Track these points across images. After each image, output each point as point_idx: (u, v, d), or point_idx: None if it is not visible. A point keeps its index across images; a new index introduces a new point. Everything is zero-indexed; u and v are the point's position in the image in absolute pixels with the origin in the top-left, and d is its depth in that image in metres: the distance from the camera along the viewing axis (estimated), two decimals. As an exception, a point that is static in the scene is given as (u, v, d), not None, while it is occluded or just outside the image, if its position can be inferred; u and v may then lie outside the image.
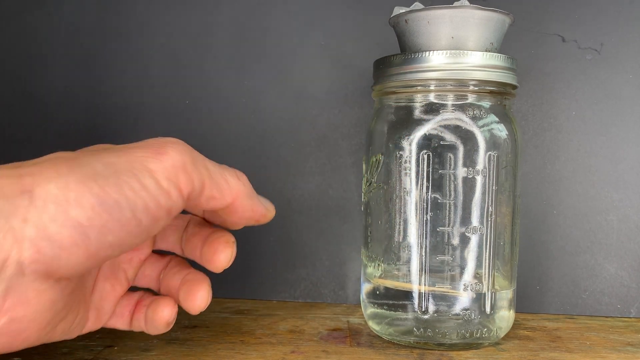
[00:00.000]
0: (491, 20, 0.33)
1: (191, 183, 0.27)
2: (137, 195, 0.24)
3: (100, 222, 0.23)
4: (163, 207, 0.25)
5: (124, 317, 0.32)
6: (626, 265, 0.42)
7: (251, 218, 0.32)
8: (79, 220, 0.23)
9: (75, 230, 0.23)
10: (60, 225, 0.22)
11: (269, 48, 0.44)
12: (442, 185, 0.33)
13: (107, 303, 0.31)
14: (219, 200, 0.29)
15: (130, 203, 0.24)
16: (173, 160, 0.27)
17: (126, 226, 0.24)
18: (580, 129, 0.42)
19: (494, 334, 0.34)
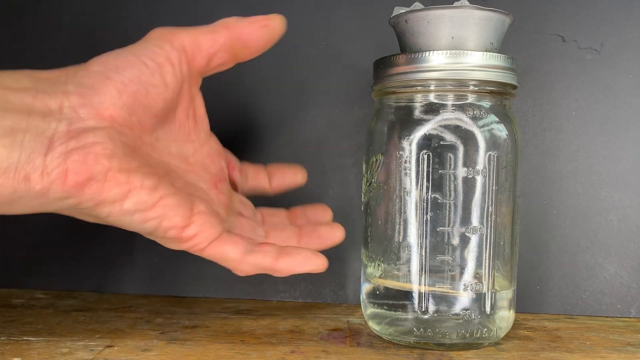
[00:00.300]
0: (491, 20, 0.33)
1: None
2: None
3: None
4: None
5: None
6: (626, 265, 0.42)
7: (263, 39, 0.33)
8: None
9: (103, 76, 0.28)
10: (93, 80, 0.28)
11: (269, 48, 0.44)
12: (442, 185, 0.33)
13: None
14: (217, 45, 0.32)
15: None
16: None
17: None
18: (580, 129, 0.42)
19: (494, 334, 0.34)
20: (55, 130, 0.26)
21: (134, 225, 0.29)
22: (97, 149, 0.27)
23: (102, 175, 0.27)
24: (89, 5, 0.45)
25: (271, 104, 0.44)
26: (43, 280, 0.46)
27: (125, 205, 0.28)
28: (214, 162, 0.35)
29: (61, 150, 0.26)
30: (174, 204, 0.29)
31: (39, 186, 0.26)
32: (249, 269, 0.33)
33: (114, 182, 0.27)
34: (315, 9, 0.44)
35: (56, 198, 0.26)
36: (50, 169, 0.26)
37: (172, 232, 0.30)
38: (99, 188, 0.27)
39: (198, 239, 0.31)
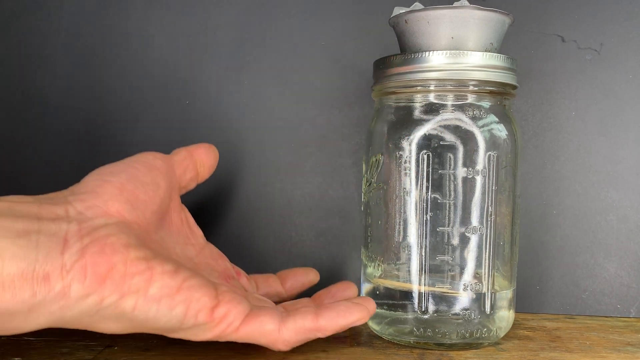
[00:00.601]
0: (491, 21, 0.33)
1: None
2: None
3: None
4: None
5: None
6: (626, 265, 0.42)
7: (213, 157, 0.38)
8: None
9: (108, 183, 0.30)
10: (92, 186, 0.29)
11: (269, 48, 0.44)
12: (442, 185, 0.33)
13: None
14: (187, 161, 0.36)
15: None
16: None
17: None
18: (580, 129, 0.42)
19: (493, 333, 0.34)
20: (67, 230, 0.26)
21: (162, 315, 0.27)
22: (113, 240, 0.27)
23: (122, 265, 0.26)
24: (88, 5, 0.45)
25: (271, 104, 0.44)
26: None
27: (150, 291, 0.27)
28: (217, 263, 0.36)
29: (77, 247, 0.26)
30: (198, 284, 0.28)
31: (60, 285, 0.25)
32: (290, 336, 0.31)
33: (135, 269, 0.27)
34: (315, 8, 0.44)
35: (77, 297, 0.25)
36: (69, 265, 0.25)
37: (203, 315, 0.28)
38: (121, 278, 0.26)
39: (230, 317, 0.29)
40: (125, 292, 0.26)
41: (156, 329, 0.28)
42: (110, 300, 0.26)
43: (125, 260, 0.27)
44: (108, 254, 0.26)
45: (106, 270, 0.26)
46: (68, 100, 0.45)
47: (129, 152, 0.45)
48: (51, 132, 0.45)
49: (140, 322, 0.27)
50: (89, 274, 0.25)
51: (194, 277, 0.29)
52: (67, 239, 0.26)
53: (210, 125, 0.45)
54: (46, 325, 0.26)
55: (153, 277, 0.27)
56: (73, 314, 0.26)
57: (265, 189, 0.45)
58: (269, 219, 0.45)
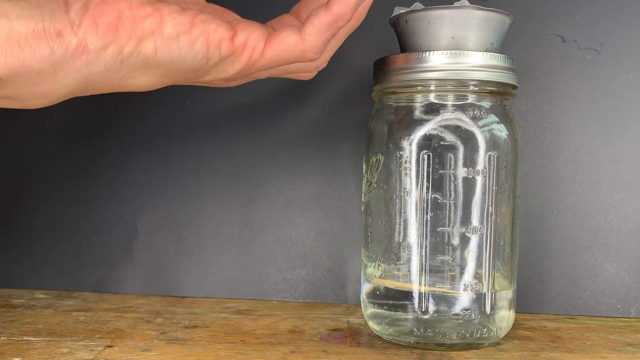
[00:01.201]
0: (491, 21, 0.33)
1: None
2: None
3: None
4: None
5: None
6: (626, 265, 0.42)
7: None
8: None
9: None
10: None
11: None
12: (442, 186, 0.33)
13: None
14: None
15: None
16: None
17: None
18: (580, 129, 0.42)
19: (494, 334, 0.34)
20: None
21: (185, 53, 0.27)
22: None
23: (128, 10, 0.26)
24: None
25: (271, 104, 0.44)
26: (43, 280, 0.46)
27: (165, 31, 0.27)
28: (223, 15, 0.34)
29: (80, 3, 0.26)
30: (210, 18, 0.28)
31: (75, 40, 0.25)
32: (315, 40, 0.29)
33: (143, 12, 0.26)
34: (315, 9, 0.44)
35: (97, 49, 0.26)
36: (78, 20, 0.25)
37: (225, 45, 0.28)
38: (132, 22, 0.26)
39: (251, 41, 0.29)
40: (141, 36, 0.26)
41: (185, 72, 0.28)
42: (130, 47, 0.26)
43: (130, 5, 0.26)
44: (111, 2, 0.26)
45: (115, 18, 0.26)
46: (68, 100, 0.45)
47: (129, 152, 0.45)
48: (51, 131, 0.45)
49: (168, 66, 0.28)
50: (100, 24, 0.26)
51: (204, 13, 0.28)
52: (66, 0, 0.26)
53: (210, 125, 0.45)
54: (77, 87, 0.27)
55: (163, 17, 0.27)
56: (99, 70, 0.26)
57: (265, 189, 0.45)
58: (269, 219, 0.45)
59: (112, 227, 0.46)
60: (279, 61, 0.30)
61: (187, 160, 0.45)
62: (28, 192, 0.46)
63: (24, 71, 0.25)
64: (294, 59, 0.30)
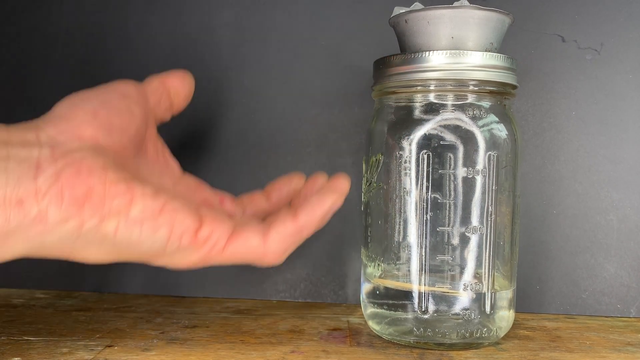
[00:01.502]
0: (491, 20, 0.33)
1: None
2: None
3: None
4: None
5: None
6: (626, 265, 0.42)
7: (188, 87, 0.35)
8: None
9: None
10: (63, 112, 0.28)
11: (269, 48, 0.44)
12: (442, 185, 0.33)
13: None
14: (160, 90, 0.34)
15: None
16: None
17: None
18: (580, 129, 0.42)
19: (493, 333, 0.34)
20: (39, 155, 0.25)
21: (145, 238, 0.27)
22: (89, 162, 0.26)
23: (100, 186, 0.25)
24: (88, 5, 0.45)
25: (271, 104, 0.44)
26: (43, 280, 0.46)
27: (131, 213, 0.26)
28: (195, 194, 0.34)
29: (52, 171, 0.25)
30: (180, 207, 0.28)
31: (35, 210, 0.24)
32: (277, 246, 0.30)
33: (114, 191, 0.26)
34: (315, 9, 0.44)
35: (56, 222, 0.25)
36: (45, 189, 0.24)
37: (187, 237, 0.28)
38: (100, 200, 0.25)
39: (214, 237, 0.28)
40: (105, 214, 0.25)
41: (140, 254, 0.28)
42: (91, 223, 0.25)
43: (103, 181, 0.26)
44: (85, 176, 0.25)
45: (84, 193, 0.25)
46: (68, 100, 0.45)
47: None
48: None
49: (123, 246, 0.27)
50: (66, 197, 0.25)
51: (175, 200, 0.28)
52: (39, 163, 0.25)
53: (210, 125, 0.45)
54: (25, 252, 0.25)
55: (134, 199, 0.26)
56: (53, 240, 0.25)
57: (265, 189, 0.45)
58: (269, 219, 0.45)
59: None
60: (236, 260, 0.30)
61: (187, 160, 0.45)
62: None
63: None
64: (253, 260, 0.30)
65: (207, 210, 0.29)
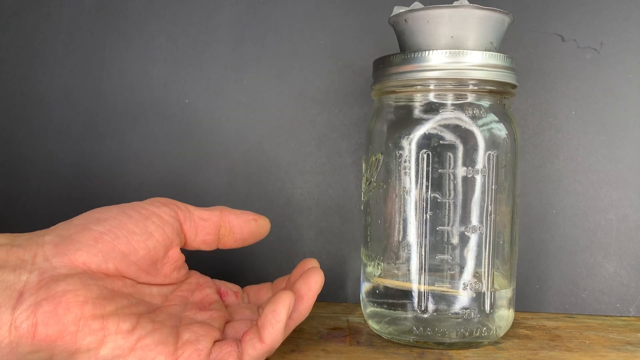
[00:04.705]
0: (491, 20, 0.33)
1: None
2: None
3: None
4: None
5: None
6: (625, 265, 0.42)
7: (249, 231, 0.35)
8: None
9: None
10: (72, 231, 0.29)
11: (269, 48, 0.44)
12: (442, 185, 0.33)
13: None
14: (209, 222, 0.33)
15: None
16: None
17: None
18: (579, 129, 0.42)
19: (493, 332, 0.34)
20: (26, 282, 0.27)
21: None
22: (69, 297, 0.27)
23: (73, 326, 0.26)
24: (88, 5, 0.45)
25: (271, 104, 0.44)
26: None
27: (101, 352, 0.27)
28: (194, 294, 0.34)
29: (30, 302, 0.26)
30: (155, 342, 0.28)
31: (7, 340, 0.25)
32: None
33: (87, 330, 0.26)
34: (315, 9, 0.44)
35: (26, 352, 0.26)
36: (19, 322, 0.26)
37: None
38: (72, 339, 0.26)
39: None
40: (75, 351, 0.26)
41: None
42: (60, 357, 0.26)
43: (78, 319, 0.26)
44: (60, 315, 0.26)
45: (57, 332, 0.26)
46: (68, 99, 0.45)
47: (128, 151, 0.45)
48: (51, 131, 0.45)
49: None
50: (39, 334, 0.26)
51: (152, 335, 0.28)
52: (22, 292, 0.26)
53: (210, 124, 0.45)
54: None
55: (106, 338, 0.27)
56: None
57: (265, 188, 0.45)
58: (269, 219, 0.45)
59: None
60: None
61: (187, 160, 0.45)
62: (28, 191, 0.46)
63: None
64: None
65: (187, 337, 0.29)
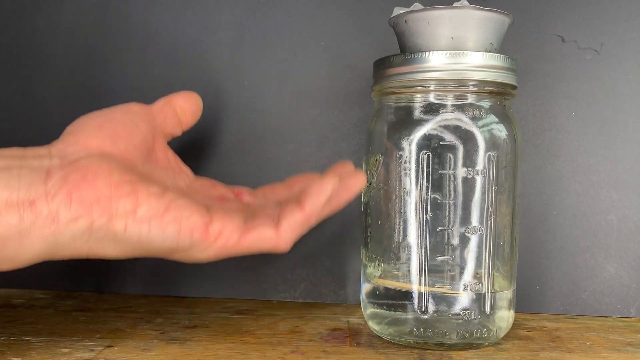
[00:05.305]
0: (491, 21, 0.33)
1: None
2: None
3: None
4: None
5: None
6: (626, 265, 0.42)
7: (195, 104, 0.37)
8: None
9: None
10: (70, 130, 0.31)
11: (269, 48, 0.44)
12: (442, 186, 0.33)
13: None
14: (166, 106, 0.35)
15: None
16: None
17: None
18: (580, 129, 0.42)
19: (493, 334, 0.34)
20: (49, 164, 0.28)
21: (155, 235, 0.28)
22: (94, 167, 0.28)
23: (106, 189, 0.27)
24: (88, 5, 0.45)
25: (271, 104, 0.44)
26: (43, 280, 0.46)
27: (138, 213, 0.28)
28: (211, 191, 0.35)
29: (59, 176, 0.27)
30: (187, 204, 0.29)
31: (46, 210, 0.26)
32: (289, 235, 0.31)
33: (120, 193, 0.27)
34: (315, 9, 0.44)
35: (67, 221, 0.27)
36: (54, 192, 0.26)
37: (198, 233, 0.29)
38: (107, 201, 0.27)
39: (227, 231, 0.29)
40: (113, 214, 0.27)
41: (155, 250, 0.29)
42: (100, 222, 0.27)
43: (109, 184, 0.27)
44: (90, 179, 0.27)
45: (91, 195, 0.27)
46: (68, 100, 0.45)
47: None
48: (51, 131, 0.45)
49: (135, 243, 0.28)
50: (74, 199, 0.27)
51: (182, 198, 0.29)
52: (49, 170, 0.27)
53: (210, 124, 0.45)
54: (43, 253, 0.27)
55: (139, 199, 0.28)
56: (66, 239, 0.27)
57: (265, 189, 0.45)
58: (269, 219, 0.45)
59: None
60: (252, 251, 0.31)
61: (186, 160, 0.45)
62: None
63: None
64: (268, 250, 0.31)
65: (218, 207, 0.31)
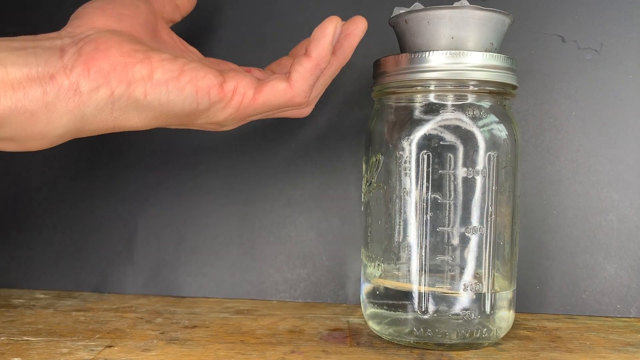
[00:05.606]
0: (491, 21, 0.33)
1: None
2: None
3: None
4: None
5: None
6: (626, 265, 0.42)
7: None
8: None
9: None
10: (74, 16, 0.31)
11: (269, 48, 0.44)
12: (442, 186, 0.33)
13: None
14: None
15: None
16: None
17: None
18: (580, 129, 0.42)
19: (493, 334, 0.34)
20: (61, 43, 0.28)
21: (174, 97, 0.29)
22: (105, 39, 0.28)
23: (120, 57, 0.28)
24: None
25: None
26: (43, 280, 0.46)
27: (155, 77, 0.28)
28: (220, 65, 0.35)
29: (73, 50, 0.28)
30: (200, 66, 0.30)
31: (67, 82, 0.27)
32: (302, 85, 0.31)
33: (134, 60, 0.28)
34: (316, 9, 0.44)
35: (89, 91, 0.27)
36: (71, 65, 0.27)
37: (214, 92, 0.30)
38: (122, 68, 0.28)
39: (241, 88, 0.30)
40: (131, 80, 0.28)
41: (177, 116, 0.30)
42: (120, 90, 0.28)
43: (122, 52, 0.28)
44: (103, 50, 0.28)
45: (106, 63, 0.28)
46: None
47: (130, 150, 0.45)
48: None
49: (159, 109, 0.29)
50: (92, 69, 0.27)
51: (194, 62, 0.30)
52: (62, 47, 0.28)
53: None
54: (72, 128, 0.28)
55: (153, 64, 0.29)
56: (92, 111, 0.28)
57: (265, 188, 0.45)
58: (270, 220, 0.45)
59: (112, 227, 0.46)
60: (270, 106, 0.32)
61: (187, 160, 0.45)
62: (28, 192, 0.46)
63: (17, 111, 0.26)
64: (284, 104, 0.32)
65: (228, 70, 0.32)
